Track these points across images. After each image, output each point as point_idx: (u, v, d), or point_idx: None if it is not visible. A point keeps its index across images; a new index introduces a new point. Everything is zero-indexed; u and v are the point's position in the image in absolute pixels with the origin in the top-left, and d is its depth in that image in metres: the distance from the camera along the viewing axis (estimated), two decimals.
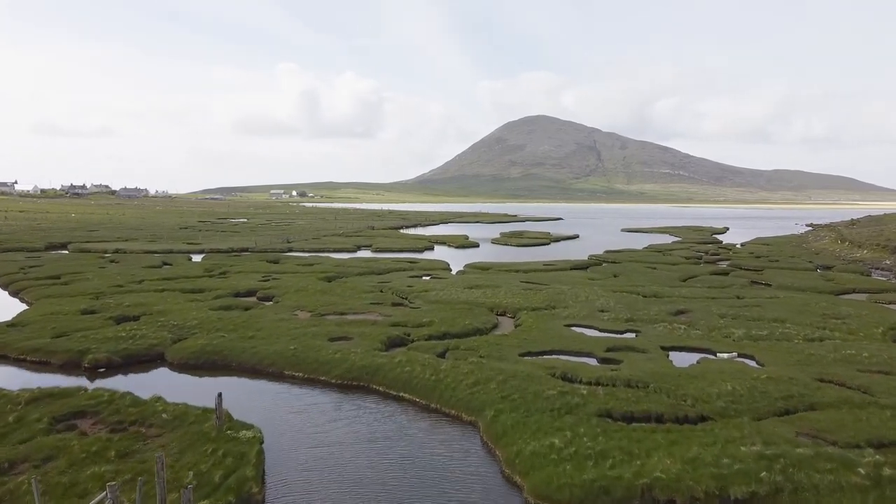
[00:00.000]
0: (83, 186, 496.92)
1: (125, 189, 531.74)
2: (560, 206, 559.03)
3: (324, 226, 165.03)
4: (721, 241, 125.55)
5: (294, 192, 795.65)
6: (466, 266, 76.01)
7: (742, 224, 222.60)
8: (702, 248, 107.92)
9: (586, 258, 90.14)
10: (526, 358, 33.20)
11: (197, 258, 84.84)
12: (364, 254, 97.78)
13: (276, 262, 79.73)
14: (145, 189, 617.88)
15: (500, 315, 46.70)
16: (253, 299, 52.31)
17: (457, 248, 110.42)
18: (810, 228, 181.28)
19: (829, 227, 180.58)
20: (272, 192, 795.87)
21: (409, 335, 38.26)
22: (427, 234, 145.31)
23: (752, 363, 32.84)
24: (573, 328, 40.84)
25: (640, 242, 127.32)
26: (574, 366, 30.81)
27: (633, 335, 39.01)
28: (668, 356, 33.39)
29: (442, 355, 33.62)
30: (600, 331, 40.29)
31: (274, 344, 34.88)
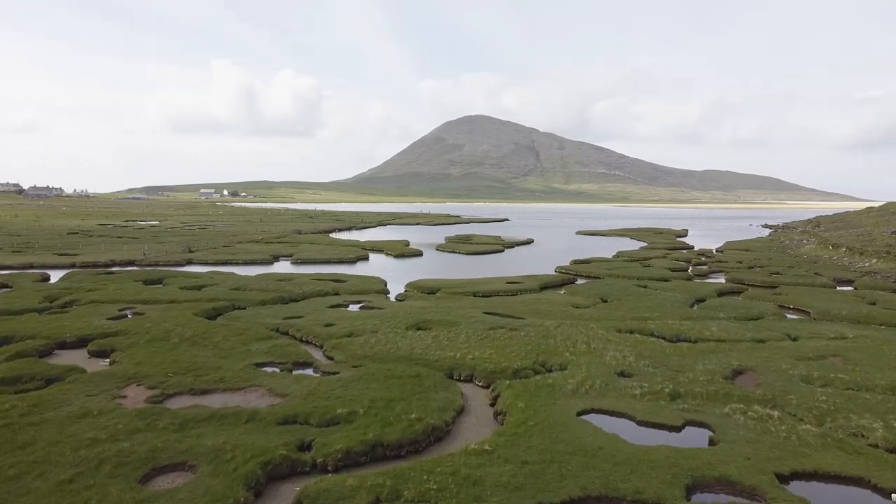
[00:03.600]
0: None
1: (35, 188, 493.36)
2: (502, 205, 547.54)
3: (245, 229, 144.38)
4: (692, 246, 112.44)
5: (225, 192, 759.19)
6: (409, 286, 58.85)
7: (697, 225, 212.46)
8: (677, 254, 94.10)
9: (554, 271, 74.36)
10: None
11: (58, 276, 64.44)
12: (281, 266, 79.21)
13: (157, 282, 60.58)
14: (59, 188, 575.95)
15: (466, 381, 29.90)
16: (80, 355, 33.69)
17: (396, 257, 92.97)
18: (771, 230, 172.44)
19: (792, 228, 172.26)
20: (202, 191, 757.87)
21: (308, 449, 20.96)
22: (362, 238, 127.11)
23: None
24: (592, 416, 24.35)
25: (601, 247, 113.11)
26: None
27: (704, 435, 22.72)
28: None
29: None
30: (640, 423, 23.84)
31: None
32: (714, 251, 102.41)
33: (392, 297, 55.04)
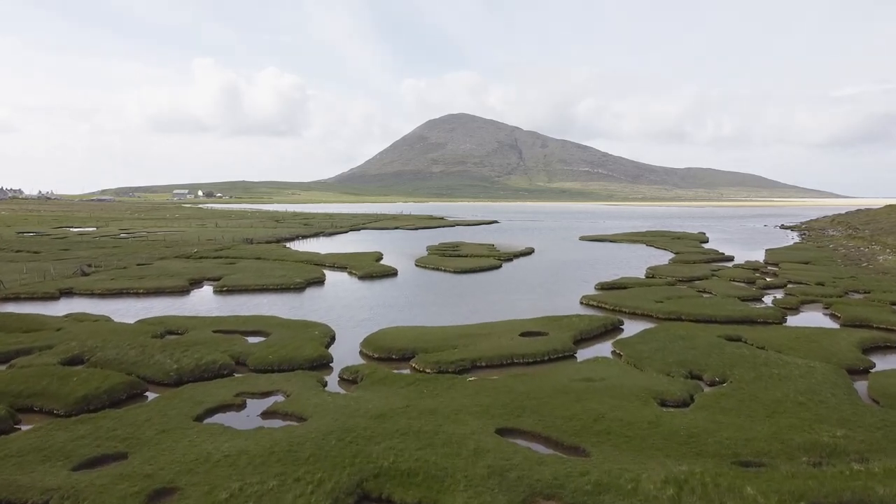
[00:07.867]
0: None
1: None
2: (486, 205, 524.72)
3: (187, 238, 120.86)
4: (731, 257, 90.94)
5: (200, 192, 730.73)
6: (365, 347, 36.48)
7: (711, 227, 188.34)
8: (725, 270, 72.40)
9: (580, 303, 52.50)
10: None
11: None
12: (197, 297, 56.50)
13: None
14: (19, 189, 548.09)
15: None
16: None
17: (361, 278, 70.39)
18: (798, 233, 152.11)
19: (820, 230, 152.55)
20: (175, 192, 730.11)
21: None
22: (326, 248, 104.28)
23: None
24: None
25: (618, 258, 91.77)
26: None
27: None
28: None
29: None
30: None
31: None
32: (765, 264, 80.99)
33: (334, 374, 32.59)
